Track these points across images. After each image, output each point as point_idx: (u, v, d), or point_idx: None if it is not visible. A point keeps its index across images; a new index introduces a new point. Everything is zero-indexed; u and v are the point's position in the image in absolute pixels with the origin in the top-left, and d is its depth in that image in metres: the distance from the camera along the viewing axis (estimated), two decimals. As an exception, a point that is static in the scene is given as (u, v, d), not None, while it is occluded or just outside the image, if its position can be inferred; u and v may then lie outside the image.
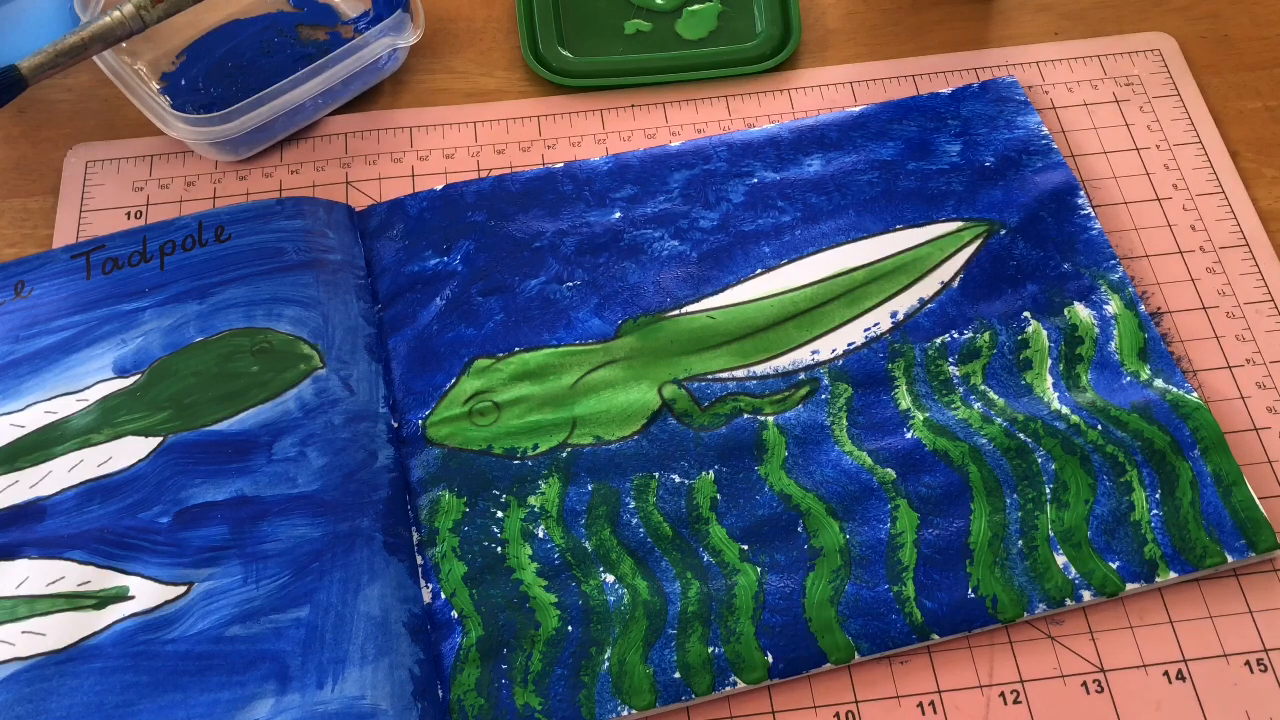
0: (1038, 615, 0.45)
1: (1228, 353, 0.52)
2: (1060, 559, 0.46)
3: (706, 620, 0.45)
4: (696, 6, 0.64)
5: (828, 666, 0.44)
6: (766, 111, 0.60)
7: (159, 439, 0.49)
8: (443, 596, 0.46)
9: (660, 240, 0.55)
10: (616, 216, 0.56)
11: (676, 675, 0.44)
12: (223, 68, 0.61)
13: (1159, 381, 0.50)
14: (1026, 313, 0.52)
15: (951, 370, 0.51)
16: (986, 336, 0.52)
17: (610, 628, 0.45)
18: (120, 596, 0.45)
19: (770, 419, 0.50)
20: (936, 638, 0.45)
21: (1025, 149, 0.57)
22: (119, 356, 0.51)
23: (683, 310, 0.53)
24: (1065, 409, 0.49)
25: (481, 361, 0.51)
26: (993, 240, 0.54)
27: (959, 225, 0.55)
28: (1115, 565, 0.46)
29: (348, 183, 0.58)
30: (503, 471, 0.49)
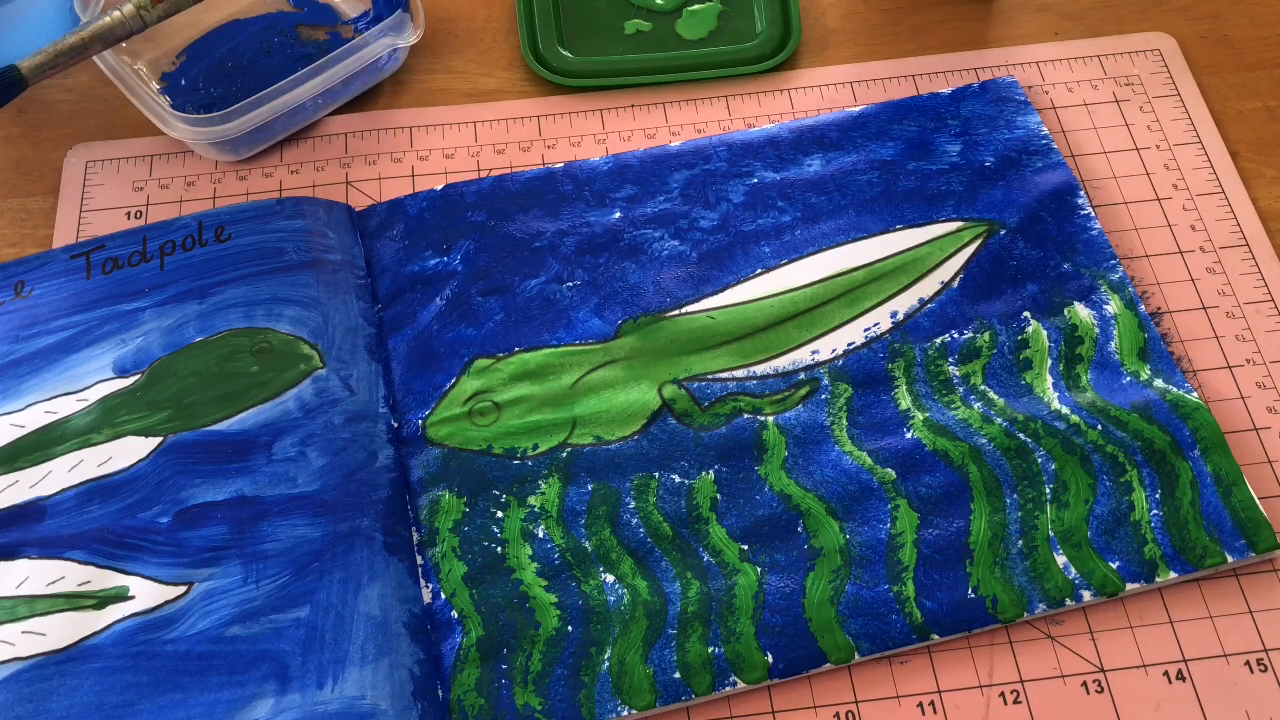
0: (1038, 615, 0.45)
1: (1228, 353, 0.52)
2: (1060, 559, 0.46)
3: (706, 620, 0.45)
4: (696, 6, 0.64)
5: (828, 666, 0.44)
6: (766, 111, 0.60)
7: (159, 439, 0.49)
8: (443, 596, 0.46)
9: (660, 240, 0.55)
10: (616, 216, 0.56)
11: (676, 675, 0.44)
12: (223, 68, 0.61)
13: (1159, 381, 0.50)
14: (1026, 313, 0.52)
15: (951, 370, 0.51)
16: (986, 336, 0.52)
17: (610, 628, 0.45)
18: (120, 596, 0.45)
19: (770, 419, 0.50)
20: (936, 638, 0.45)
21: (1025, 149, 0.57)
22: (119, 356, 0.51)
23: (683, 310, 0.53)
24: (1065, 409, 0.49)
25: (481, 361, 0.51)
26: (993, 240, 0.54)
27: (959, 225, 0.55)
28: (1115, 565, 0.46)
29: (348, 183, 0.58)
30: (503, 471, 0.49)
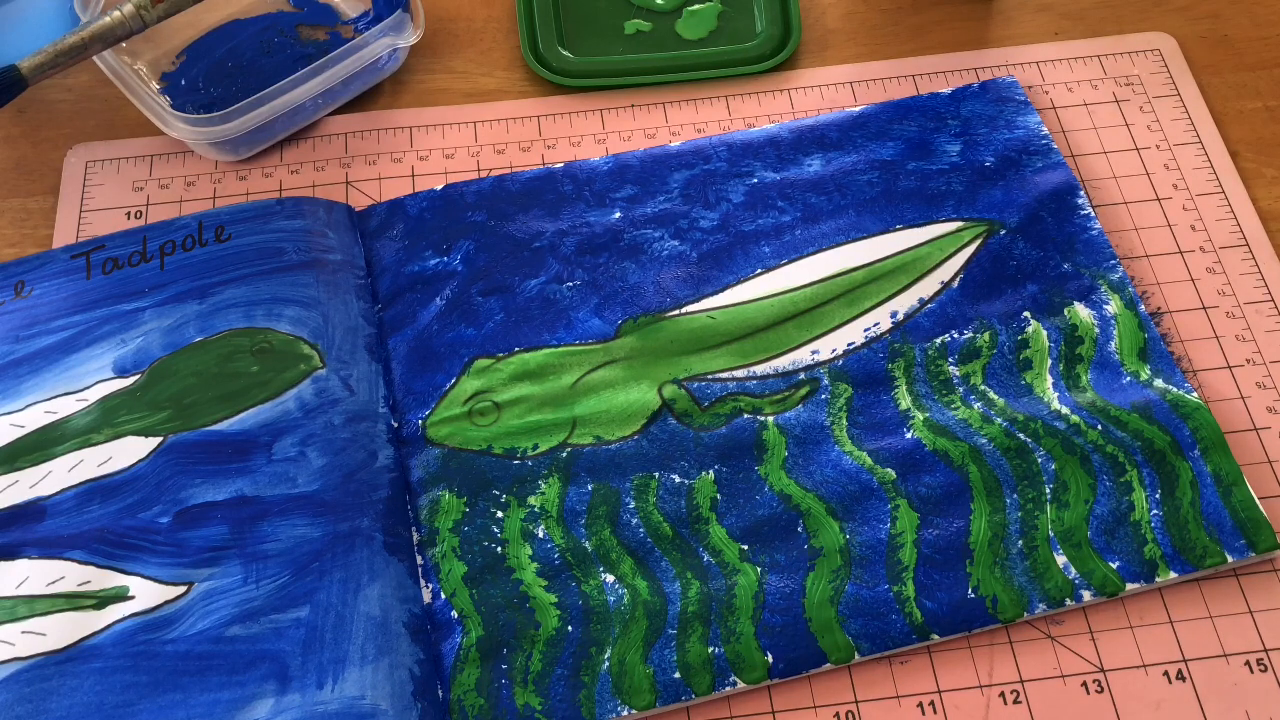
0: (1038, 615, 0.45)
1: (1228, 353, 0.52)
2: (1060, 559, 0.46)
3: (706, 620, 0.45)
4: (696, 6, 0.64)
5: (828, 666, 0.44)
6: (766, 111, 0.60)
7: (159, 439, 0.49)
8: (443, 596, 0.46)
9: (660, 240, 0.55)
10: (616, 216, 0.56)
11: (676, 675, 0.44)
12: (223, 68, 0.61)
13: (1159, 381, 0.50)
14: (1026, 313, 0.52)
15: (951, 370, 0.51)
16: (986, 336, 0.52)
17: (610, 628, 0.45)
18: (120, 596, 0.45)
19: (770, 419, 0.50)
20: (936, 638, 0.45)
21: (1025, 149, 0.57)
22: (119, 356, 0.51)
23: (683, 310, 0.53)
24: (1065, 409, 0.49)
25: (481, 361, 0.51)
26: (993, 240, 0.54)
27: (959, 225, 0.55)
28: (1115, 565, 0.46)
29: (348, 183, 0.58)
30: (503, 471, 0.49)
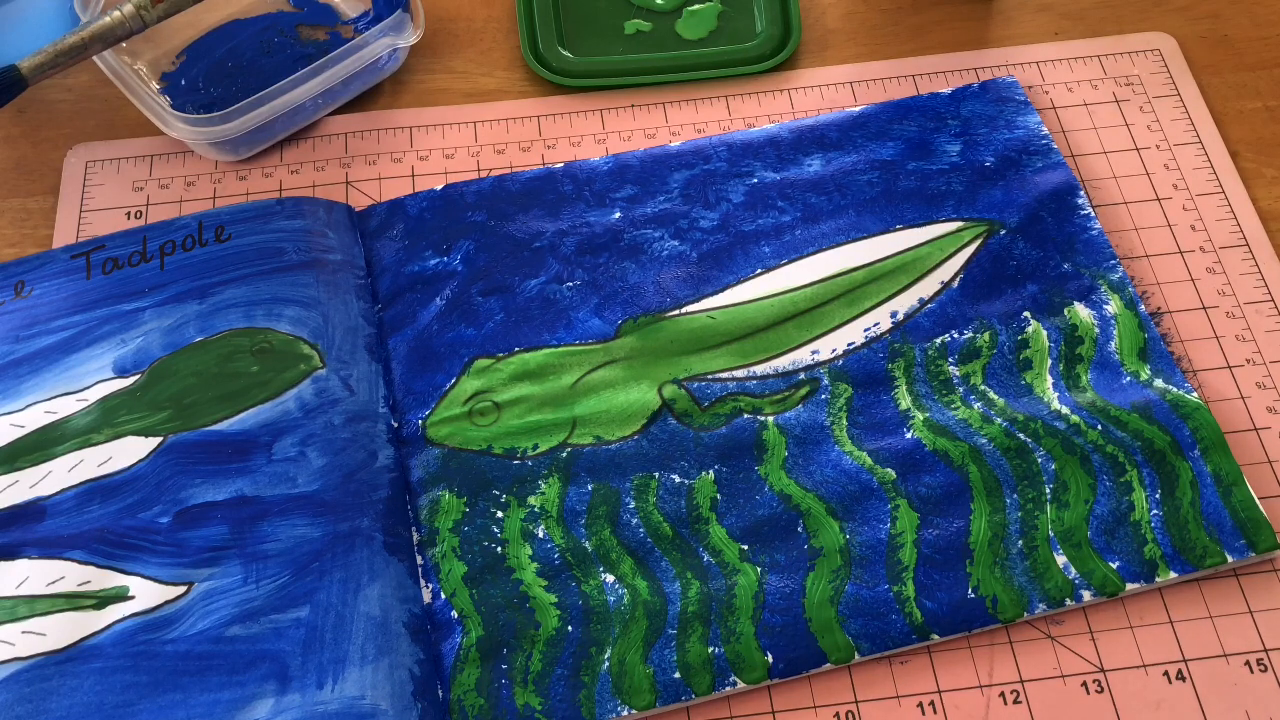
0: (1038, 615, 0.45)
1: (1228, 353, 0.52)
2: (1060, 559, 0.46)
3: (706, 620, 0.45)
4: (696, 6, 0.64)
5: (828, 666, 0.44)
6: (766, 111, 0.60)
7: (159, 439, 0.49)
8: (443, 596, 0.46)
9: (660, 240, 0.55)
10: (616, 216, 0.56)
11: (676, 675, 0.44)
12: (223, 68, 0.61)
13: (1159, 381, 0.50)
14: (1026, 313, 0.52)
15: (951, 370, 0.51)
16: (986, 336, 0.52)
17: (610, 628, 0.45)
18: (120, 596, 0.45)
19: (770, 419, 0.50)
20: (936, 638, 0.45)
21: (1025, 149, 0.57)
22: (119, 356, 0.51)
23: (683, 310, 0.53)
24: (1065, 409, 0.49)
25: (481, 361, 0.51)
26: (993, 240, 0.54)
27: (959, 225, 0.55)
28: (1115, 565, 0.46)
29: (348, 183, 0.58)
30: (503, 471, 0.49)
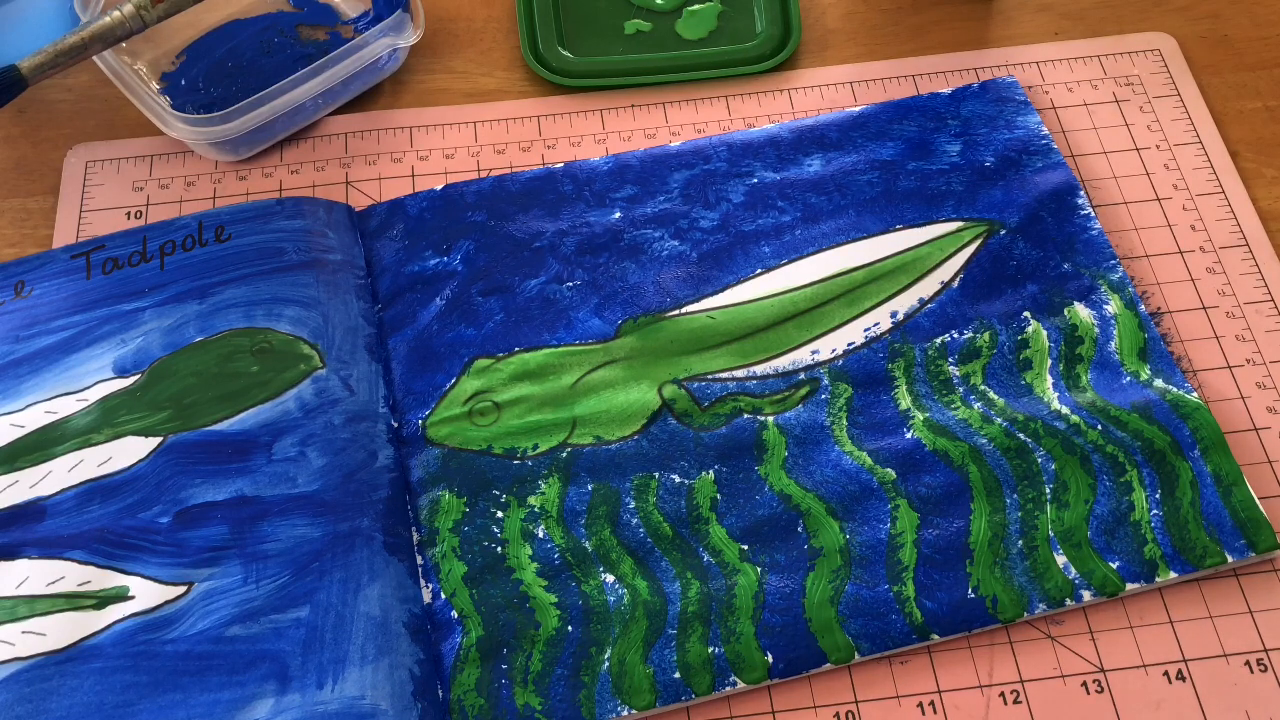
0: (1038, 615, 0.45)
1: (1228, 353, 0.52)
2: (1060, 559, 0.46)
3: (706, 620, 0.45)
4: (696, 6, 0.64)
5: (828, 666, 0.44)
6: (766, 111, 0.60)
7: (159, 439, 0.49)
8: (443, 596, 0.46)
9: (660, 240, 0.55)
10: (616, 216, 0.56)
11: (676, 675, 0.44)
12: (223, 68, 0.61)
13: (1159, 381, 0.50)
14: (1026, 313, 0.52)
15: (951, 370, 0.51)
16: (986, 336, 0.52)
17: (610, 628, 0.45)
18: (120, 596, 0.45)
19: (770, 419, 0.50)
20: (936, 638, 0.45)
21: (1025, 149, 0.57)
22: (119, 356, 0.51)
23: (683, 310, 0.53)
24: (1065, 409, 0.49)
25: (481, 361, 0.51)
26: (993, 240, 0.54)
27: (959, 225, 0.55)
28: (1115, 565, 0.46)
29: (348, 183, 0.58)
30: (503, 471, 0.49)
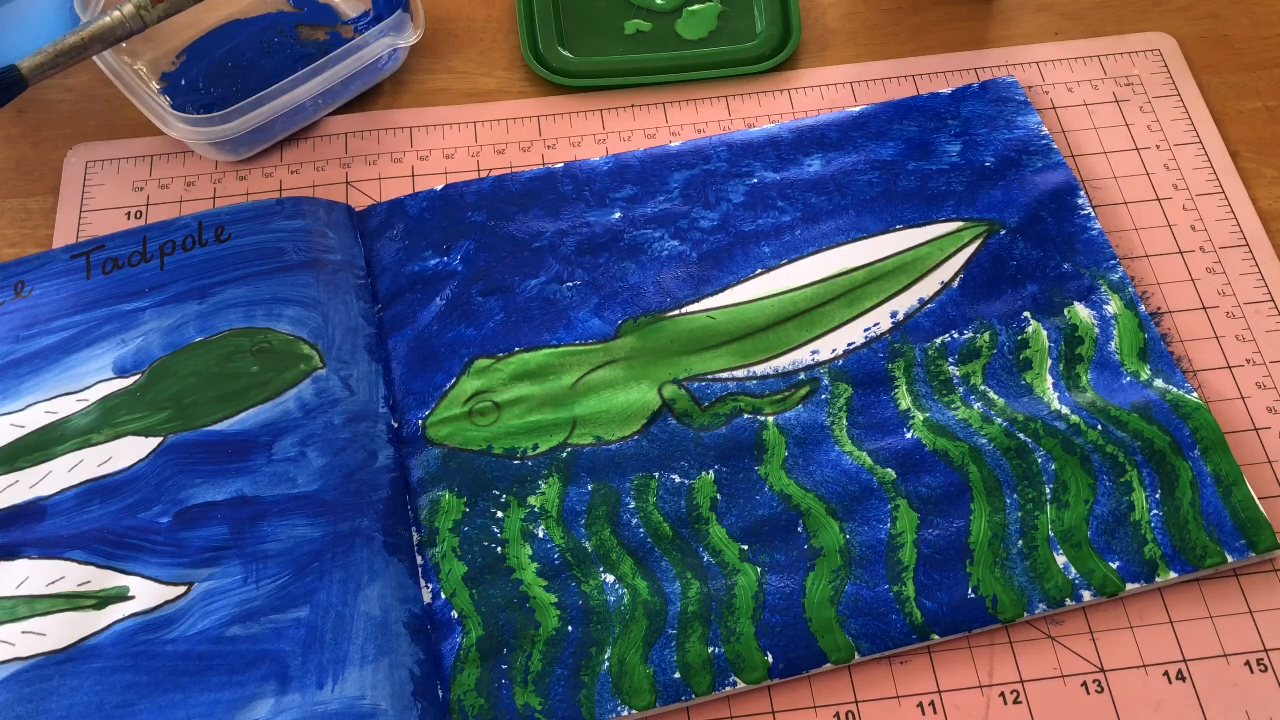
0: (1038, 615, 0.45)
1: (1228, 353, 0.52)
2: (1060, 559, 0.46)
3: (706, 620, 0.45)
4: (696, 6, 0.64)
5: (828, 666, 0.44)
6: (766, 111, 0.60)
7: (159, 439, 0.49)
8: (443, 596, 0.46)
9: (660, 240, 0.55)
10: (616, 216, 0.56)
11: (676, 675, 0.44)
12: (223, 68, 0.61)
13: (1159, 381, 0.50)
14: (1026, 313, 0.52)
15: (951, 370, 0.51)
16: (986, 336, 0.52)
17: (610, 628, 0.45)
18: (120, 596, 0.45)
19: (770, 419, 0.50)
20: (936, 638, 0.45)
21: (1025, 149, 0.57)
22: (119, 356, 0.51)
23: (683, 310, 0.53)
24: (1065, 409, 0.49)
25: (481, 361, 0.51)
26: (993, 240, 0.54)
27: (959, 225, 0.55)
28: (1115, 565, 0.46)
29: (348, 183, 0.58)
30: (503, 471, 0.49)
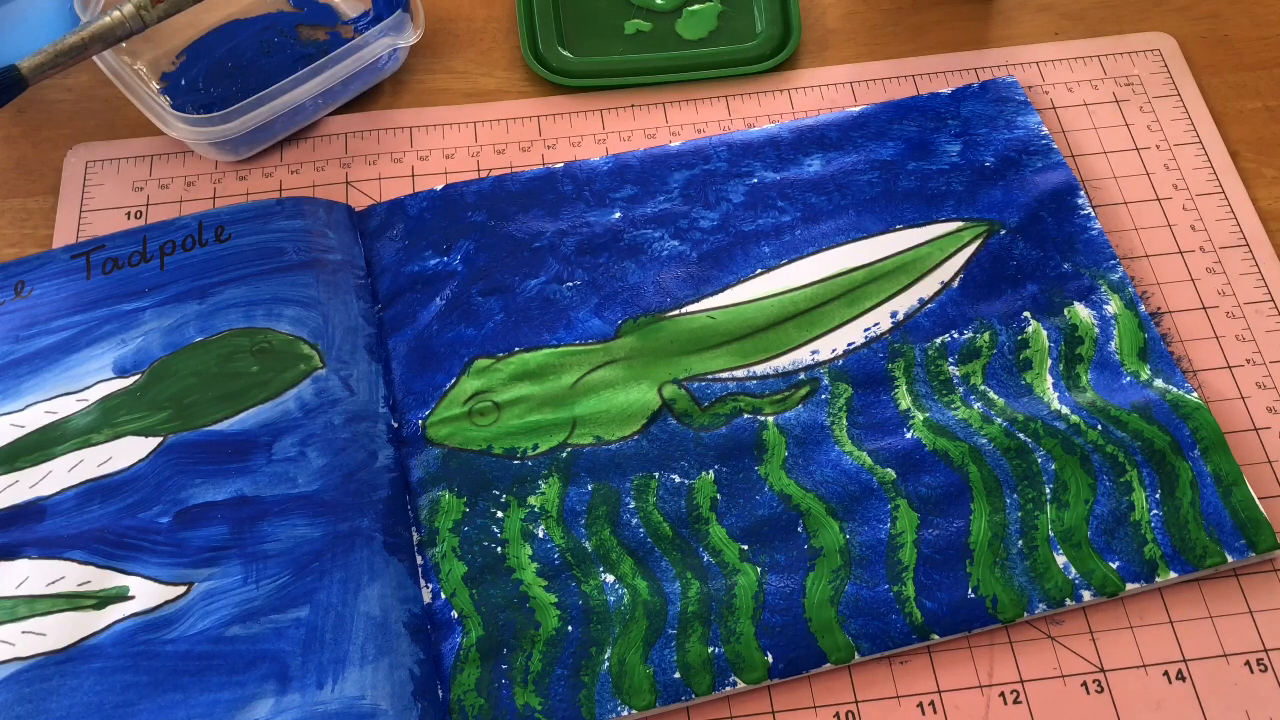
0: (1038, 615, 0.45)
1: (1228, 353, 0.52)
2: (1060, 559, 0.46)
3: (706, 620, 0.45)
4: (696, 6, 0.64)
5: (828, 666, 0.44)
6: (766, 111, 0.60)
7: (159, 439, 0.49)
8: (443, 596, 0.46)
9: (660, 240, 0.55)
10: (616, 216, 0.56)
11: (676, 675, 0.44)
12: (223, 68, 0.61)
13: (1159, 381, 0.50)
14: (1026, 313, 0.52)
15: (951, 370, 0.51)
16: (986, 336, 0.52)
17: (610, 628, 0.45)
18: (120, 596, 0.45)
19: (770, 419, 0.50)
20: (936, 638, 0.45)
21: (1025, 149, 0.57)
22: (119, 356, 0.51)
23: (683, 310, 0.53)
24: (1065, 409, 0.49)
25: (481, 361, 0.51)
26: (993, 240, 0.54)
27: (959, 225, 0.55)
28: (1115, 565, 0.46)
29: (348, 183, 0.58)
30: (503, 471, 0.49)
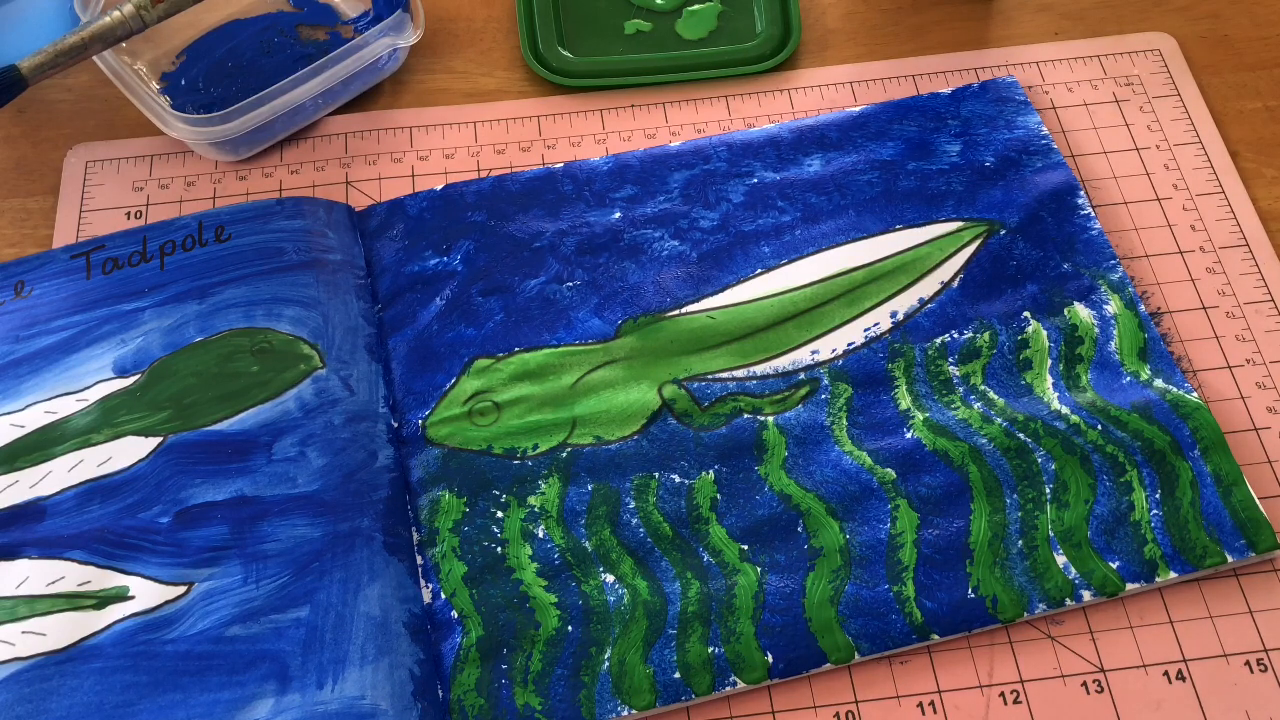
0: (1038, 615, 0.45)
1: (1228, 353, 0.52)
2: (1060, 559, 0.46)
3: (706, 620, 0.45)
4: (696, 6, 0.64)
5: (828, 666, 0.44)
6: (766, 111, 0.60)
7: (159, 439, 0.49)
8: (443, 596, 0.46)
9: (660, 240, 0.55)
10: (616, 216, 0.56)
11: (676, 675, 0.44)
12: (223, 68, 0.61)
13: (1159, 381, 0.50)
14: (1026, 313, 0.52)
15: (951, 370, 0.51)
16: (986, 336, 0.52)
17: (610, 628, 0.45)
18: (120, 596, 0.45)
19: (770, 419, 0.50)
20: (936, 638, 0.45)
21: (1025, 149, 0.57)
22: (119, 356, 0.51)
23: (683, 310, 0.53)
24: (1065, 409, 0.49)
25: (481, 361, 0.51)
26: (993, 240, 0.54)
27: (959, 225, 0.55)
28: (1115, 565, 0.46)
29: (348, 183, 0.58)
30: (503, 471, 0.49)
